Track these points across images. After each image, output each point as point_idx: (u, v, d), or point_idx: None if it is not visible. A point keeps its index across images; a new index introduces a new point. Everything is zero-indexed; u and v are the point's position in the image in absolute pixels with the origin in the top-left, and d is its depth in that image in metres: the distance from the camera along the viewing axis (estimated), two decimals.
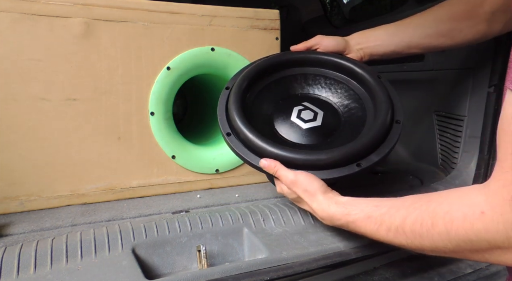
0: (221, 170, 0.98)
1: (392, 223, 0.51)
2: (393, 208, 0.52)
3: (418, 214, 0.48)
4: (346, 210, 0.59)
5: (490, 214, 0.41)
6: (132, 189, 0.89)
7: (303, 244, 0.68)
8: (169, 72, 0.89)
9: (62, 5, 0.78)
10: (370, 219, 0.55)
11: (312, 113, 0.79)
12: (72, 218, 0.76)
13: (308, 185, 0.64)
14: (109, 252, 0.63)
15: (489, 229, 0.41)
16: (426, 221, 0.47)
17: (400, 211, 0.51)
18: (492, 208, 0.41)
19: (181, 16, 0.90)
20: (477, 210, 0.42)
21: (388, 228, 0.52)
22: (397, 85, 1.23)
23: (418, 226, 0.47)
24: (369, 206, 0.56)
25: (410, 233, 0.49)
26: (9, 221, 0.74)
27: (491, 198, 0.42)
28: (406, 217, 0.49)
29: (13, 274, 0.56)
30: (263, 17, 0.98)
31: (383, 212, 0.53)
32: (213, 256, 0.69)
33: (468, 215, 0.43)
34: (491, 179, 0.43)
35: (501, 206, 0.40)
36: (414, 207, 0.50)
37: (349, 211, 0.58)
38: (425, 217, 0.47)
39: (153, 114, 0.89)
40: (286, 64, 0.84)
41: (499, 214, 0.40)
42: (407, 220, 0.49)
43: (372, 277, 0.66)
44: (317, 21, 1.82)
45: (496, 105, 0.86)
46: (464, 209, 0.44)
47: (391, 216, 0.52)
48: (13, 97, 0.77)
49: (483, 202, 0.42)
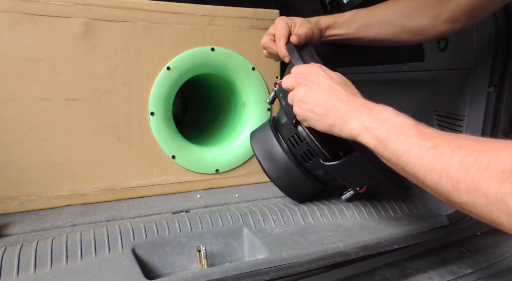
0: (221, 170, 0.98)
1: (443, 144, 0.42)
2: (454, 136, 0.43)
3: (477, 150, 0.39)
4: (394, 111, 0.51)
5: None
6: (132, 189, 0.89)
7: (303, 244, 0.68)
8: (169, 72, 0.89)
9: (62, 5, 0.78)
10: (418, 130, 0.46)
11: None
12: (72, 218, 0.76)
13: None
14: (109, 252, 0.63)
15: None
16: (482, 159, 0.38)
17: (461, 140, 0.42)
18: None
19: (181, 16, 0.90)
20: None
21: (434, 146, 0.43)
22: (397, 85, 1.23)
23: (471, 160, 0.38)
24: (423, 124, 0.48)
25: (456, 163, 0.40)
26: (9, 221, 0.74)
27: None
28: (463, 146, 0.40)
29: (13, 274, 0.56)
30: (263, 17, 0.98)
31: (440, 133, 0.45)
32: (213, 256, 0.69)
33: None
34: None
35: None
36: (477, 141, 0.41)
37: (397, 115, 0.50)
38: (483, 155, 0.38)
39: (153, 114, 0.89)
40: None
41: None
42: (462, 150, 0.40)
43: (372, 277, 0.66)
44: None
45: (496, 105, 0.86)
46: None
47: (447, 139, 0.43)
48: (13, 97, 0.77)
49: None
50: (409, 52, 1.15)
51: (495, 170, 0.36)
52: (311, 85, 0.61)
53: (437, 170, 0.41)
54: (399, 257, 0.71)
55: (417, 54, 1.10)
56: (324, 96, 0.59)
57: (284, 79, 0.65)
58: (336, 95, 0.58)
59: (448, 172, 0.40)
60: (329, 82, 0.60)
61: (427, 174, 0.43)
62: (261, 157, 0.82)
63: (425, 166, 0.43)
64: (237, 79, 0.99)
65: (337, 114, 0.57)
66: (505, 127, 0.86)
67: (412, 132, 0.46)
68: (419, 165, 0.44)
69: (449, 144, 0.42)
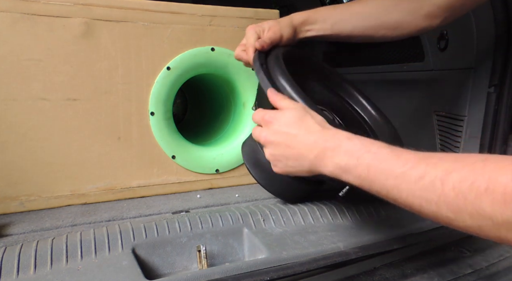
0: (221, 170, 0.98)
1: (430, 171, 0.40)
2: (435, 157, 0.42)
3: (469, 173, 0.38)
4: (365, 142, 0.48)
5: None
6: (132, 189, 0.89)
7: (303, 244, 0.68)
8: (169, 72, 0.89)
9: (62, 5, 0.78)
10: (398, 159, 0.44)
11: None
12: (72, 218, 0.76)
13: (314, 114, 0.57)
14: (109, 252, 0.63)
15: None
16: (479, 183, 0.36)
17: (446, 163, 0.40)
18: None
19: (181, 16, 0.90)
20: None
21: (421, 176, 0.41)
22: (397, 85, 1.23)
23: (467, 186, 0.37)
24: (400, 148, 0.46)
25: (451, 191, 0.38)
26: (9, 221, 0.74)
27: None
28: (451, 171, 0.39)
29: (13, 274, 0.56)
30: (263, 17, 0.98)
31: (420, 157, 0.43)
32: (213, 256, 0.69)
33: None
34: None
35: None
36: (464, 162, 0.39)
37: (370, 146, 0.47)
38: (478, 178, 0.37)
39: (153, 114, 0.89)
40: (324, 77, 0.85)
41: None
42: (453, 175, 0.38)
43: (372, 277, 0.66)
44: None
45: (496, 105, 0.86)
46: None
47: (431, 164, 0.41)
48: (13, 97, 0.77)
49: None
50: (409, 52, 1.15)
51: (496, 193, 0.35)
52: (275, 135, 0.58)
53: (433, 201, 0.40)
54: (399, 257, 0.71)
55: (417, 54, 1.10)
56: (290, 148, 0.56)
57: (254, 114, 0.64)
58: (301, 141, 0.55)
59: (445, 201, 0.39)
60: (289, 128, 0.57)
61: (423, 205, 0.41)
62: (250, 166, 0.82)
63: (419, 198, 0.41)
64: (237, 79, 0.99)
65: (308, 162, 0.55)
66: (505, 127, 0.87)
67: (393, 162, 0.44)
68: (412, 197, 0.42)
69: (435, 170, 0.40)
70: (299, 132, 0.56)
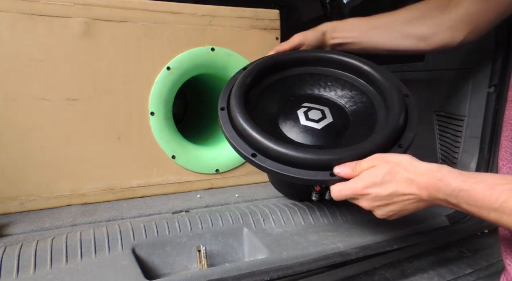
0: (221, 170, 0.98)
1: (506, 195, 0.44)
2: (500, 182, 0.46)
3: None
4: (461, 174, 0.51)
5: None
6: (132, 189, 0.89)
7: (303, 244, 0.68)
8: (169, 72, 0.89)
9: (62, 5, 0.78)
10: (491, 195, 0.47)
11: (318, 111, 0.75)
12: (72, 218, 0.76)
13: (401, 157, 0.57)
14: (109, 252, 0.63)
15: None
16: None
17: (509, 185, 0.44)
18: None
19: (181, 16, 0.90)
20: None
21: (506, 200, 0.45)
22: None
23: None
24: (494, 177, 0.49)
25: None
26: (9, 221, 0.74)
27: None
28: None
29: (13, 274, 0.56)
30: (263, 17, 0.98)
31: (506, 187, 0.46)
32: (213, 256, 0.69)
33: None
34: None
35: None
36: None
37: (462, 185, 0.50)
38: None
39: (153, 114, 0.89)
40: (289, 63, 0.81)
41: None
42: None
43: (372, 277, 0.66)
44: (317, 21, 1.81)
45: (496, 105, 0.86)
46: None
47: (504, 188, 0.45)
48: (13, 97, 0.77)
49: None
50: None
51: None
52: (377, 202, 0.58)
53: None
54: (399, 257, 0.71)
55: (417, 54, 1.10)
56: (397, 204, 0.57)
57: (339, 191, 0.60)
58: (403, 196, 0.56)
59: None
60: (387, 189, 0.57)
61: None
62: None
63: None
64: None
65: (414, 206, 0.57)
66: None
67: (487, 199, 0.48)
68: (507, 223, 0.46)
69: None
70: (398, 188, 0.56)
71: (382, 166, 0.57)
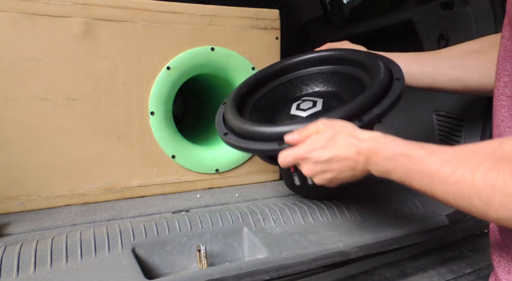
0: (221, 170, 0.98)
1: (459, 167, 0.44)
2: (463, 154, 0.45)
3: (494, 163, 0.41)
4: (399, 146, 0.51)
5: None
6: (132, 188, 0.89)
7: (303, 244, 0.68)
8: (169, 72, 0.89)
9: (62, 5, 0.78)
10: (430, 160, 0.47)
11: (311, 102, 0.77)
12: (72, 217, 0.76)
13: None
14: (109, 251, 0.63)
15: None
16: (505, 170, 0.39)
17: (473, 158, 0.43)
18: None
19: (181, 16, 0.90)
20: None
21: (452, 172, 0.44)
22: None
23: (494, 174, 0.40)
24: (435, 146, 0.49)
25: (481, 182, 0.41)
26: (9, 220, 0.74)
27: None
28: (480, 164, 0.42)
29: (13, 273, 0.56)
30: (263, 17, 0.98)
31: (450, 155, 0.46)
32: (213, 255, 0.69)
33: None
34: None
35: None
36: (485, 153, 0.43)
37: (404, 149, 0.51)
38: (504, 165, 0.40)
39: (153, 114, 0.89)
40: (278, 73, 0.84)
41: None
42: (481, 167, 0.41)
43: (372, 276, 0.66)
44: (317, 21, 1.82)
45: None
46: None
47: (461, 160, 0.44)
48: (13, 97, 0.77)
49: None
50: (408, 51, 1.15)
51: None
52: (317, 167, 0.58)
53: (465, 194, 0.43)
54: (399, 257, 0.71)
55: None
56: (337, 171, 0.57)
57: (282, 158, 0.61)
58: (343, 160, 0.56)
59: (476, 192, 0.41)
60: (327, 153, 0.57)
61: (457, 199, 0.44)
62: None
63: (453, 193, 0.44)
64: (237, 79, 0.99)
65: (357, 172, 0.56)
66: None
67: (426, 163, 0.48)
68: (446, 193, 0.45)
69: (465, 165, 0.43)
70: (338, 152, 0.56)
71: (326, 131, 0.58)
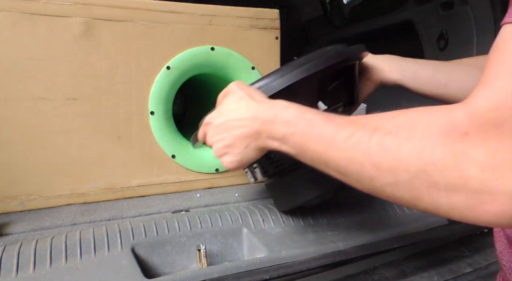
0: (221, 169, 0.98)
1: (358, 130, 0.41)
2: (366, 118, 0.43)
3: (393, 126, 0.39)
4: (300, 109, 0.49)
5: (473, 136, 0.35)
6: (132, 188, 0.89)
7: (303, 243, 0.68)
8: (169, 71, 0.89)
9: (62, 4, 0.78)
10: (330, 123, 0.44)
11: None
12: (72, 217, 0.76)
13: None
14: (109, 251, 0.63)
15: (467, 154, 0.35)
16: (402, 134, 0.38)
17: (374, 121, 0.41)
18: (478, 131, 0.35)
19: (181, 15, 0.90)
20: (461, 129, 0.36)
21: (349, 136, 0.41)
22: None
23: (391, 138, 0.38)
24: (335, 115, 0.47)
25: (376, 145, 0.39)
26: (9, 220, 0.74)
27: (478, 120, 0.35)
28: (378, 128, 0.40)
29: (12, 273, 0.56)
30: (263, 16, 0.98)
31: (352, 120, 0.43)
32: (213, 256, 0.69)
33: (450, 134, 0.36)
34: (477, 100, 0.36)
35: (487, 130, 0.34)
36: (389, 116, 0.40)
37: (305, 113, 0.48)
38: (401, 130, 0.38)
39: (153, 114, 0.89)
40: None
41: (482, 139, 0.34)
42: (379, 131, 0.39)
43: (372, 276, 0.66)
44: (317, 21, 1.82)
45: None
46: (447, 127, 0.36)
47: (361, 124, 0.42)
48: (13, 97, 0.77)
49: (468, 123, 0.36)
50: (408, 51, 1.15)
51: (415, 139, 0.36)
52: (216, 130, 0.58)
53: (358, 159, 0.40)
54: (399, 257, 0.71)
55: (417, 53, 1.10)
56: (233, 137, 0.55)
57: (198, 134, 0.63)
58: (240, 124, 0.54)
59: (369, 157, 0.39)
60: (228, 116, 0.56)
61: (349, 165, 0.41)
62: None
63: (346, 158, 0.41)
64: (237, 78, 0.99)
65: (253, 142, 0.54)
66: None
67: (325, 126, 0.45)
68: (339, 158, 0.42)
69: (363, 128, 0.41)
70: (237, 113, 0.54)
71: (234, 93, 0.57)
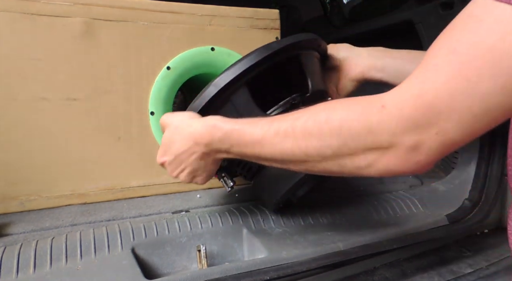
0: None
1: (282, 124, 0.47)
2: (287, 114, 0.49)
3: (313, 113, 0.45)
4: (229, 125, 0.54)
5: (390, 108, 0.39)
6: (132, 188, 0.89)
7: (303, 244, 0.68)
8: (169, 71, 0.89)
9: (62, 4, 0.78)
10: (255, 127, 0.50)
11: None
12: (72, 217, 0.76)
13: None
14: (109, 252, 0.63)
15: (382, 122, 0.39)
16: (321, 117, 0.44)
17: (295, 113, 0.47)
18: (395, 103, 0.39)
19: (181, 15, 0.90)
20: (378, 103, 0.40)
21: (276, 131, 0.47)
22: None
23: (311, 122, 0.44)
24: (258, 118, 0.53)
25: (300, 132, 0.45)
26: (9, 220, 0.74)
27: (399, 94, 0.39)
28: (298, 118, 0.46)
29: (12, 273, 0.56)
30: (263, 16, 0.98)
31: (273, 118, 0.50)
32: (213, 256, 0.69)
33: (366, 109, 0.40)
34: (410, 77, 0.39)
35: (405, 101, 0.38)
36: (310, 109, 0.46)
37: (234, 125, 0.53)
38: (320, 113, 0.44)
39: (153, 114, 0.89)
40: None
41: (399, 109, 0.38)
42: (300, 119, 0.46)
43: (372, 277, 0.66)
44: (317, 21, 1.82)
45: None
46: (364, 103, 0.41)
47: (282, 118, 0.48)
48: (13, 97, 0.77)
49: (387, 97, 0.40)
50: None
51: (333, 121, 0.42)
52: (166, 156, 0.66)
53: (289, 148, 0.46)
54: (399, 257, 0.71)
55: None
56: (187, 169, 0.65)
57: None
58: (181, 147, 0.60)
59: (297, 144, 0.45)
60: (171, 145, 0.62)
61: (284, 156, 0.48)
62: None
63: (280, 151, 0.47)
64: None
65: (203, 163, 0.62)
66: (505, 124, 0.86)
67: (252, 131, 0.50)
68: (274, 152, 0.48)
69: (286, 121, 0.47)
70: (179, 147, 0.61)
71: (168, 126, 0.62)
